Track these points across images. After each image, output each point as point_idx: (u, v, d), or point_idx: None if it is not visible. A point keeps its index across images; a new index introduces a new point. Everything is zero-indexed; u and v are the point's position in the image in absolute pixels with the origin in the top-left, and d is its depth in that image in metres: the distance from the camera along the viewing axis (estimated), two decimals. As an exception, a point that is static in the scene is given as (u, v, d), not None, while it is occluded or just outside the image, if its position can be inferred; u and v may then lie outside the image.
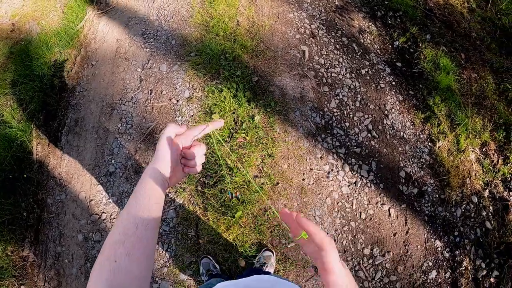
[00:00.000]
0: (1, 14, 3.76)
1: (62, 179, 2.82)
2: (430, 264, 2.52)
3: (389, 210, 2.63)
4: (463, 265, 2.51)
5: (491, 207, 2.68)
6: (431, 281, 2.48)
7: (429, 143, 2.85)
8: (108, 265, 0.64)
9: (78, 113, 3.05)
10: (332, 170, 2.71)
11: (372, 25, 3.37)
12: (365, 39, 3.28)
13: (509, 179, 2.75)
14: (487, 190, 2.73)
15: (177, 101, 2.97)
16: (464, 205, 2.67)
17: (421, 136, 2.88)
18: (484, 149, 2.86)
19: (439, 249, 2.56)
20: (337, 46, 3.20)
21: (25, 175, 2.82)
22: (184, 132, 0.81)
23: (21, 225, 2.68)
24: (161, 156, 0.77)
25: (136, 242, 0.67)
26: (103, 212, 2.66)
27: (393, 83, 3.08)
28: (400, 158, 2.79)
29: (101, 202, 2.69)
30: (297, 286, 0.97)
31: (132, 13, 3.56)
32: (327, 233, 2.53)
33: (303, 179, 2.67)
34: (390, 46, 3.27)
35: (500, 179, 2.76)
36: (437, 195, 2.70)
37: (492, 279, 2.48)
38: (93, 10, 3.64)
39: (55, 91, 3.17)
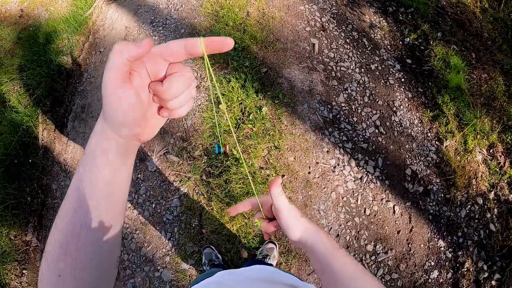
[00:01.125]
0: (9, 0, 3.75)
1: (67, 165, 2.82)
2: (432, 263, 2.51)
3: (393, 207, 2.61)
4: (465, 266, 2.50)
5: (495, 210, 2.66)
6: (433, 280, 2.47)
7: (437, 142, 2.83)
8: (52, 279, 0.50)
9: (85, 100, 3.05)
10: (338, 164, 2.69)
11: (383, 20, 3.33)
12: (375, 35, 3.24)
13: (515, 182, 2.74)
14: (493, 192, 2.71)
15: (185, 90, 2.93)
16: (469, 206, 2.66)
17: (429, 135, 2.86)
18: (491, 151, 2.84)
19: (442, 249, 2.55)
20: (347, 40, 3.17)
21: (30, 160, 2.84)
22: (150, 53, 0.47)
23: (25, 210, 2.69)
24: (111, 103, 0.46)
25: (81, 260, 0.50)
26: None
27: (403, 79, 3.05)
28: (407, 156, 2.77)
29: (104, 189, 2.67)
30: (297, 279, 0.95)
31: (141, 0, 3.53)
32: (331, 228, 2.53)
33: (309, 173, 2.66)
34: (400, 43, 3.24)
35: (506, 181, 2.74)
36: (442, 195, 2.68)
37: (493, 282, 2.47)
38: (103, -3, 3.62)
39: (62, 77, 3.17)
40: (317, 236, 0.72)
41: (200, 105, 2.86)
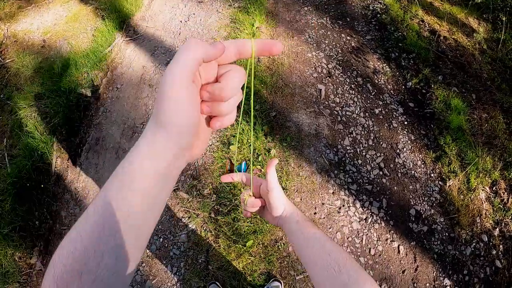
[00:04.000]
0: (33, 29, 4.02)
1: (78, 193, 2.91)
2: (439, 302, 2.55)
3: (398, 247, 2.68)
4: (472, 305, 2.54)
5: (501, 246, 2.69)
6: (440, 319, 2.52)
7: (440, 182, 2.93)
8: None
9: (100, 133, 3.19)
10: (343, 205, 2.80)
11: (386, 66, 3.51)
12: (379, 80, 3.42)
13: (519, 218, 2.78)
14: (497, 229, 2.76)
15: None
16: (474, 244, 2.70)
17: (432, 175, 2.96)
18: (494, 188, 2.90)
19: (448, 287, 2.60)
20: (352, 85, 3.35)
21: (42, 186, 2.91)
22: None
23: (32, 233, 2.74)
24: (175, 116, 0.42)
25: (99, 279, 0.42)
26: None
27: (405, 122, 3.19)
28: (411, 196, 2.86)
29: (114, 222, 2.80)
30: None
31: (158, 42, 3.79)
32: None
33: (315, 213, 2.77)
34: (403, 87, 3.40)
35: (510, 217, 2.78)
36: (446, 234, 2.74)
37: (501, 319, 2.50)
38: (122, 36, 3.89)
39: (79, 109, 3.32)
40: (293, 210, 0.88)
41: (211, 145, 3.04)
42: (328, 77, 3.39)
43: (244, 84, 0.49)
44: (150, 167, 0.44)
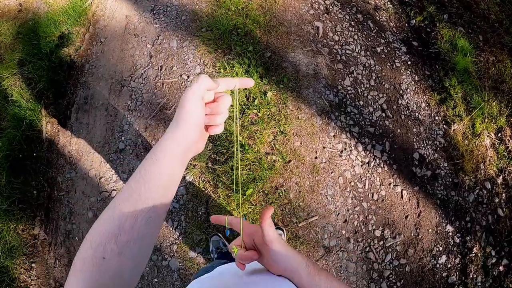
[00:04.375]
0: (9, -6, 3.68)
1: (72, 157, 2.79)
2: (441, 248, 2.49)
3: (401, 192, 2.59)
4: (473, 252, 2.48)
5: (504, 194, 2.63)
6: (441, 265, 2.46)
7: (444, 126, 2.79)
8: (95, 261, 0.53)
9: (87, 91, 3.00)
10: (345, 149, 2.65)
11: (388, 2, 3.27)
12: (380, 17, 3.18)
13: (524, 167, 2.70)
14: (501, 177, 2.68)
15: (188, 77, 2.90)
16: (477, 191, 2.63)
17: (436, 118, 2.82)
18: (499, 135, 2.80)
19: (450, 234, 2.53)
20: (352, 23, 3.11)
21: (34, 154, 2.83)
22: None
23: (32, 203, 2.69)
24: (190, 119, 0.61)
25: (132, 240, 0.55)
26: (113, 190, 2.63)
27: (409, 62, 3.00)
28: (414, 140, 2.73)
29: (111, 180, 2.67)
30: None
31: (141, -12, 3.46)
32: (338, 213, 2.50)
33: (316, 157, 2.62)
34: (406, 25, 3.18)
35: (514, 166, 2.71)
36: (450, 179, 2.65)
37: (501, 268, 2.45)
38: (101, -14, 3.55)
39: (63, 69, 3.12)
40: (300, 260, 0.72)
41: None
42: (325, 14, 3.13)
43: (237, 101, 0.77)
44: (173, 151, 0.61)
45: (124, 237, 0.54)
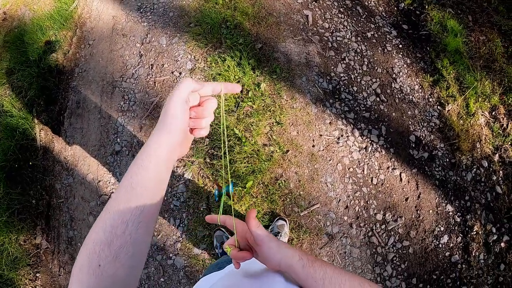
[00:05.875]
0: (-11, 4, 3.63)
1: (68, 162, 2.78)
2: (442, 228, 2.50)
3: (400, 174, 2.59)
4: (474, 230, 2.49)
5: (501, 172, 2.64)
6: (443, 245, 2.47)
7: (438, 107, 2.80)
8: (91, 269, 0.56)
9: (79, 95, 2.97)
10: (342, 135, 2.65)
11: (376, -14, 3.26)
12: (369, 2, 3.17)
13: (519, 143, 2.72)
14: (497, 155, 2.69)
15: (180, 73, 2.88)
16: (475, 170, 2.64)
17: (430, 100, 2.82)
18: (493, 113, 2.80)
19: (450, 213, 2.54)
20: (340, 9, 3.10)
21: (30, 163, 2.81)
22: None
23: (31, 213, 2.68)
24: (174, 123, 0.62)
25: (126, 244, 0.57)
26: (112, 192, 2.62)
27: (400, 46, 2.99)
28: (410, 122, 2.73)
29: (109, 182, 2.66)
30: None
31: (126, -13, 3.42)
32: (339, 200, 2.50)
33: (313, 146, 2.62)
34: (395, 8, 3.17)
35: (510, 143, 2.71)
36: (447, 159, 2.66)
37: (502, 244, 2.46)
38: (86, -11, 3.49)
39: (53, 75, 3.10)
40: (293, 254, 0.72)
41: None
42: (314, 2, 3.11)
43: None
44: (158, 156, 0.62)
45: (117, 242, 0.56)
